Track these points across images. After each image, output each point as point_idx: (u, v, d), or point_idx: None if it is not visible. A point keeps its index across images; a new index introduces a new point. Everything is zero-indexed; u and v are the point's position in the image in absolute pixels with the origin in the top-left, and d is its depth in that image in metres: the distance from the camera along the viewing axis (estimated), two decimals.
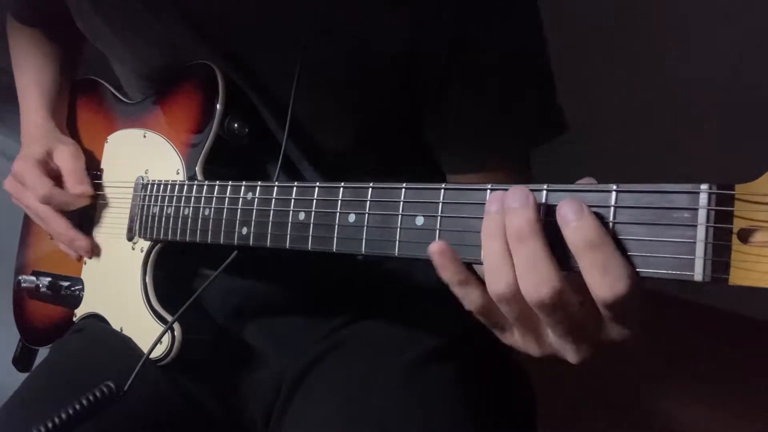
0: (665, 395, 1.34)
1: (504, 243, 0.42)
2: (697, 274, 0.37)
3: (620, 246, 0.40)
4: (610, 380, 1.32)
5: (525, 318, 0.44)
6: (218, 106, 0.71)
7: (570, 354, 0.44)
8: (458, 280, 0.45)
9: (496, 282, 0.43)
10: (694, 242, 0.37)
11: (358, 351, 0.73)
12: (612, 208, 0.41)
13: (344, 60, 0.67)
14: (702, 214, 0.37)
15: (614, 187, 0.41)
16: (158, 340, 0.68)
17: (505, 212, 0.42)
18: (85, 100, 0.92)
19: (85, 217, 0.84)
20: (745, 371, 1.33)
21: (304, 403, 0.71)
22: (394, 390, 0.67)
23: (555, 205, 0.41)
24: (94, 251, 0.82)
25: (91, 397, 0.61)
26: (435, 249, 0.45)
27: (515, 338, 0.47)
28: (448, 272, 0.45)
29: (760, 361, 1.31)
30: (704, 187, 0.37)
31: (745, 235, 0.36)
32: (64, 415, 0.61)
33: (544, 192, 0.44)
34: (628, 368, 1.33)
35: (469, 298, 0.46)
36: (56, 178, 0.81)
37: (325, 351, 0.75)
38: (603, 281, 0.39)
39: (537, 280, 0.40)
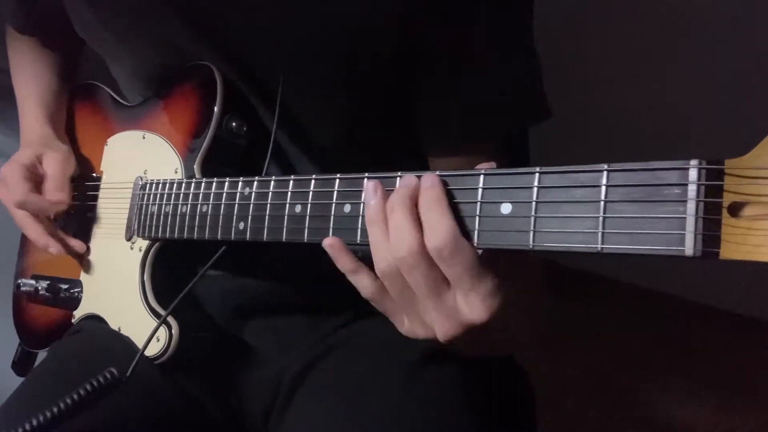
0: (665, 395, 1.33)
1: (383, 227, 0.49)
2: (688, 249, 0.37)
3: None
4: (610, 380, 1.32)
5: (403, 292, 0.50)
6: (216, 106, 0.71)
7: (438, 327, 0.49)
8: (350, 269, 0.52)
9: (378, 260, 0.50)
10: (685, 217, 0.37)
11: (358, 351, 0.73)
12: (603, 188, 0.41)
13: (338, 48, 0.67)
14: (692, 189, 0.37)
15: (605, 166, 0.41)
16: (153, 333, 0.68)
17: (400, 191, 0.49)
18: (84, 105, 0.93)
19: (84, 220, 0.84)
20: (745, 371, 1.32)
21: (303, 403, 0.71)
22: (395, 390, 0.67)
23: None
24: (78, 251, 0.82)
25: (94, 383, 0.62)
26: (327, 243, 0.53)
27: (405, 324, 0.52)
28: (340, 262, 0.52)
29: (760, 361, 1.30)
30: (694, 162, 0.38)
31: (735, 209, 0.36)
32: (63, 404, 0.61)
33: (537, 175, 0.44)
34: (628, 368, 1.32)
35: (361, 284, 0.52)
36: (41, 183, 0.81)
37: (326, 351, 0.75)
38: (427, 233, 0.47)
39: (398, 244, 0.48)
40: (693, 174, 0.38)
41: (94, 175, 0.86)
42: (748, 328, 1.35)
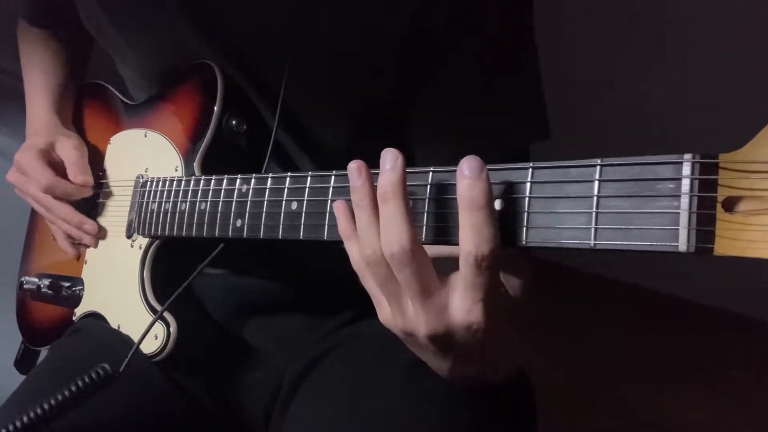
0: (666, 395, 1.31)
1: (370, 212, 0.46)
2: (681, 245, 0.36)
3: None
4: (610, 380, 1.30)
5: (387, 280, 0.47)
6: (216, 104, 0.71)
7: (422, 326, 0.46)
8: (346, 234, 0.50)
9: (364, 246, 0.47)
10: (678, 212, 0.37)
11: (358, 351, 0.73)
12: (596, 182, 0.40)
13: (343, 48, 0.66)
14: (686, 184, 0.37)
15: (598, 161, 0.40)
16: (149, 329, 0.68)
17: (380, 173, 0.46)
18: (90, 104, 0.93)
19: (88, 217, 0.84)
20: (745, 371, 1.31)
21: (304, 403, 0.71)
22: (395, 389, 0.66)
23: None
24: (100, 238, 0.82)
25: (86, 379, 0.62)
26: (335, 204, 0.51)
27: (386, 312, 0.50)
28: (341, 224, 0.50)
29: (761, 361, 1.28)
30: (688, 156, 0.37)
31: (730, 204, 0.36)
32: (55, 400, 0.61)
33: (530, 170, 0.43)
34: (628, 368, 1.31)
35: (352, 253, 0.49)
36: (58, 169, 0.82)
37: (326, 351, 0.74)
38: (472, 239, 0.42)
39: (390, 238, 0.44)
40: (687, 168, 0.37)
41: (99, 173, 0.86)
42: (748, 328, 1.33)
